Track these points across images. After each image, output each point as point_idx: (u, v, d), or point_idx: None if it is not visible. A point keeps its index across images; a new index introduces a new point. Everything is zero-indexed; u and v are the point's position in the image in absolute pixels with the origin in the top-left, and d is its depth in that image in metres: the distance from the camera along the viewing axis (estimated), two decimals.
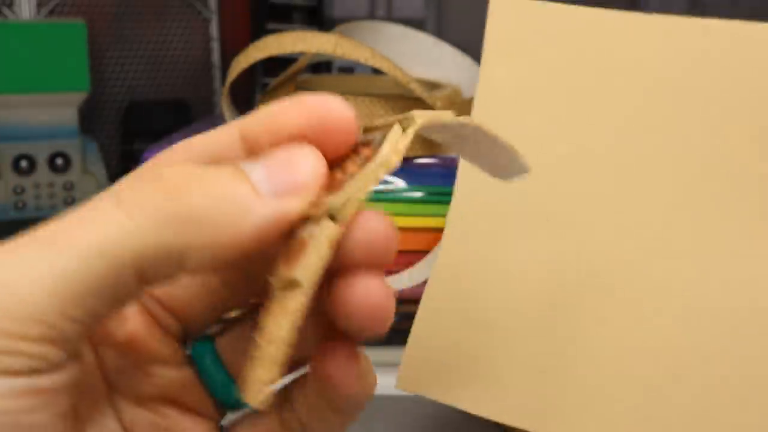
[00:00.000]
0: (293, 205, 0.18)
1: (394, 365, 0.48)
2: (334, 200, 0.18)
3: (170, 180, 0.17)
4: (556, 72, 0.36)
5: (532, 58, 0.36)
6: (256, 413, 0.23)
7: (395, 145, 0.19)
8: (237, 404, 0.23)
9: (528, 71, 0.36)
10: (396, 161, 0.19)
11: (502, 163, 0.23)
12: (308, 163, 0.19)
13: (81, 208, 0.17)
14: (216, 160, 0.20)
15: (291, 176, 0.18)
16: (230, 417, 0.24)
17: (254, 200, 0.18)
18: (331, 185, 0.19)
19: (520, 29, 0.37)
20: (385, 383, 0.46)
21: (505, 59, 0.37)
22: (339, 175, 0.19)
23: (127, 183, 0.18)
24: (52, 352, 0.16)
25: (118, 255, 0.16)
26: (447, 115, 0.20)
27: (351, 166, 0.19)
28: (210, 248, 0.17)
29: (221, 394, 0.23)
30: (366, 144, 0.20)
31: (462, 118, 0.21)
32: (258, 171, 0.18)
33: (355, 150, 0.20)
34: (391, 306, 0.20)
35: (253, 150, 0.20)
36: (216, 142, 0.20)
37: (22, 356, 0.16)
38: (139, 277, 0.17)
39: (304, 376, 0.23)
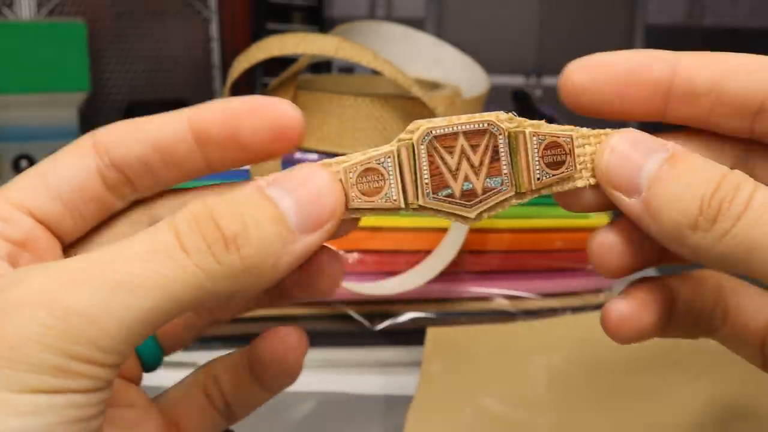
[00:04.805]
0: (317, 240, 0.20)
1: (395, 365, 0.48)
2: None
3: (228, 226, 0.18)
4: (491, 371, 0.43)
5: (470, 366, 0.44)
6: (182, 387, 0.25)
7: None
8: (156, 365, 0.25)
9: (468, 376, 0.43)
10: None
11: None
12: (332, 198, 0.20)
13: (139, 238, 0.18)
14: (162, 146, 0.21)
15: (318, 211, 0.19)
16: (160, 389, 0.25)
17: (290, 240, 0.19)
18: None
19: (458, 347, 0.45)
20: (387, 383, 0.46)
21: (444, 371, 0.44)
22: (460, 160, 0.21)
23: (184, 219, 0.19)
24: (114, 373, 0.18)
25: (185, 299, 0.18)
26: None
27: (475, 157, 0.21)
28: (254, 291, 0.19)
29: (147, 354, 0.25)
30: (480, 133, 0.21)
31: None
32: (286, 202, 0.19)
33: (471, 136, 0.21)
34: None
35: (202, 141, 0.21)
36: (163, 128, 0.21)
37: (98, 380, 0.18)
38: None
39: (229, 355, 0.25)
